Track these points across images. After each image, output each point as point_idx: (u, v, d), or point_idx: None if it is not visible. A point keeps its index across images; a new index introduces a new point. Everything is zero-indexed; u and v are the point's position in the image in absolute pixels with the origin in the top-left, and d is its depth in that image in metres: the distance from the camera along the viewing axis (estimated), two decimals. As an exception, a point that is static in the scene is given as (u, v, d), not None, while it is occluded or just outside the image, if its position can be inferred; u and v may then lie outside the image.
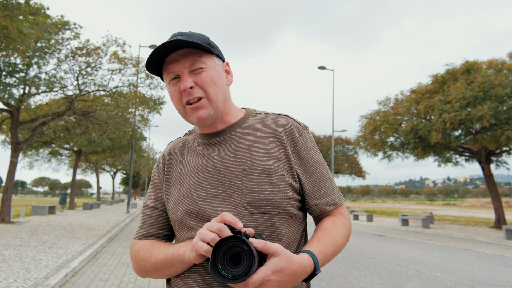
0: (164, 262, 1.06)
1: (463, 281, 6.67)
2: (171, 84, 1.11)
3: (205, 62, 1.10)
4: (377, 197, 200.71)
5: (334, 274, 7.00)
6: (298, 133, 1.17)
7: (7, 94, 13.01)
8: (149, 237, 1.18)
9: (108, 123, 17.88)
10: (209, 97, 1.09)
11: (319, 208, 1.15)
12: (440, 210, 50.03)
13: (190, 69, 1.08)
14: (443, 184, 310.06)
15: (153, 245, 1.13)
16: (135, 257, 1.15)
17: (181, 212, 1.10)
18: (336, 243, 1.09)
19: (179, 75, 1.09)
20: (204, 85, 1.09)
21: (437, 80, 17.66)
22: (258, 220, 1.05)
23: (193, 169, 1.14)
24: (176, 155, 1.23)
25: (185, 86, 1.07)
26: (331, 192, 1.17)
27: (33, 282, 5.34)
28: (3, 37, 9.05)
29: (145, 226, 1.20)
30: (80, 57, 15.24)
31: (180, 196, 1.12)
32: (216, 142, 1.16)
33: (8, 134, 18.85)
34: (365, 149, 21.87)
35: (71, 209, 26.08)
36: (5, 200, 13.86)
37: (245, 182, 1.07)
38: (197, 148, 1.19)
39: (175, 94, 1.11)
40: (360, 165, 41.48)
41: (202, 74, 1.09)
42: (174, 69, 1.09)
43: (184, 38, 1.06)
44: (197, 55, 1.09)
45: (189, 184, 1.12)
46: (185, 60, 1.08)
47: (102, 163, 40.34)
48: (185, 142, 1.25)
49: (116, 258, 8.11)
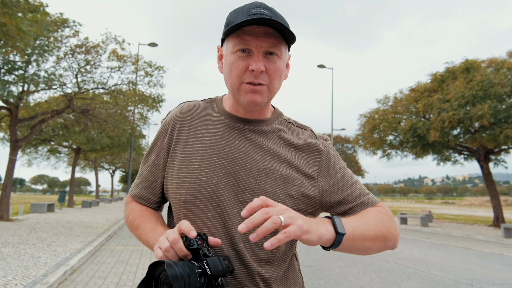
0: (147, 244, 1.09)
1: (461, 280, 6.68)
2: (237, 55, 1.02)
3: (281, 51, 1.03)
4: (376, 196, 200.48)
5: (333, 273, 7.01)
6: (322, 145, 1.14)
7: (6, 92, 12.98)
8: (141, 199, 1.18)
9: (107, 121, 17.85)
10: (270, 87, 1.04)
11: (354, 210, 1.08)
12: (438, 208, 50.15)
13: (266, 50, 1.01)
14: (442, 183, 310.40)
15: (142, 216, 1.14)
16: (127, 216, 1.19)
17: (186, 192, 1.05)
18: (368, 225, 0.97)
19: (252, 51, 1.01)
20: (272, 74, 1.03)
21: (436, 79, 17.68)
22: None
23: (207, 149, 1.08)
24: (190, 124, 1.14)
25: (258, 67, 0.99)
26: (365, 193, 1.12)
27: (32, 279, 5.35)
28: (2, 34, 9.02)
29: (140, 186, 1.18)
30: (79, 54, 15.20)
31: (188, 173, 1.06)
32: (239, 128, 1.10)
33: (7, 132, 18.81)
34: (364, 147, 21.90)
35: (70, 207, 26.07)
36: (3, 198, 13.84)
37: (259, 183, 1.04)
38: (217, 126, 1.12)
39: (239, 68, 1.02)
40: (359, 164, 41.54)
41: (275, 62, 1.03)
42: (250, 43, 1.00)
43: (271, 15, 0.99)
44: (278, 40, 1.01)
45: (200, 165, 1.06)
46: (266, 39, 1.00)
47: (101, 161, 40.32)
48: (204, 111, 1.16)
49: (115, 256, 8.11)
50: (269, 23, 0.97)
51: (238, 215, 1.02)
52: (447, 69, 17.59)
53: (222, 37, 1.08)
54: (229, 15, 1.04)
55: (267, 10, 1.00)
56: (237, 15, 1.01)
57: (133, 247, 9.43)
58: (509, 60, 16.62)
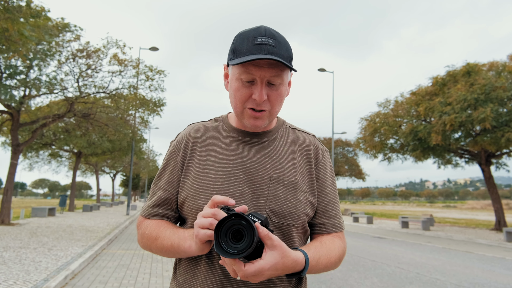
0: (170, 249, 1.08)
1: (463, 284, 6.65)
2: (241, 82, 1.07)
3: (283, 78, 1.08)
4: (377, 199, 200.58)
5: (334, 277, 6.99)
6: (321, 155, 1.23)
7: (7, 96, 13.02)
8: (156, 216, 1.17)
9: (108, 125, 17.88)
10: (271, 112, 1.11)
11: (325, 227, 1.18)
12: (440, 212, 49.99)
13: (269, 80, 1.06)
14: (443, 186, 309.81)
15: (159, 226, 1.13)
16: (141, 234, 1.17)
17: (203, 202, 1.08)
18: (329, 259, 1.10)
19: (255, 81, 1.06)
20: (274, 101, 1.09)
21: (437, 82, 17.68)
22: (276, 228, 1.09)
23: (221, 162, 1.14)
24: (201, 141, 1.20)
25: (261, 98, 1.05)
26: (339, 216, 1.22)
27: (33, 284, 5.34)
28: (4, 39, 9.06)
29: (154, 205, 1.18)
30: (81, 59, 15.26)
31: (204, 185, 1.11)
32: (248, 142, 1.18)
33: (9, 136, 18.86)
34: (364, 150, 21.87)
35: (71, 211, 26.06)
36: (5, 202, 13.84)
37: (272, 189, 1.11)
38: (228, 141, 1.18)
39: (243, 95, 1.08)
40: (360, 167, 41.46)
41: (277, 90, 1.08)
42: (255, 73, 1.05)
43: (275, 44, 1.04)
44: (281, 68, 1.06)
45: (216, 176, 1.12)
46: (269, 70, 1.04)
47: (102, 165, 40.30)
48: (212, 130, 1.22)
49: (115, 260, 8.10)
50: (273, 57, 1.02)
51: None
52: (448, 72, 17.60)
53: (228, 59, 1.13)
54: (235, 40, 1.08)
55: (272, 38, 1.05)
56: (243, 42, 1.06)
57: (134, 252, 9.41)
58: (510, 63, 16.63)
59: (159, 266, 7.58)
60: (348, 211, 35.13)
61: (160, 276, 6.67)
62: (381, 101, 20.57)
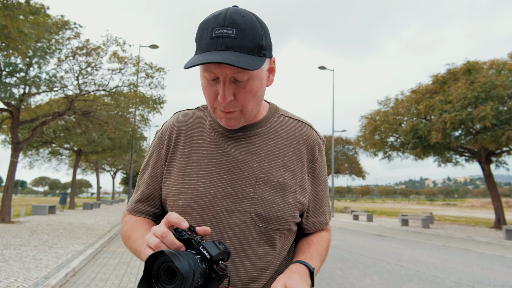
0: (135, 253, 1.02)
1: (462, 281, 6.67)
2: (208, 82, 0.97)
3: (251, 73, 0.94)
4: (377, 197, 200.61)
5: (334, 274, 7.00)
6: (318, 150, 1.13)
7: (7, 94, 13.01)
8: (138, 213, 1.14)
9: (108, 122, 17.87)
10: (243, 110, 1.00)
11: (315, 226, 1.16)
12: (440, 210, 50.04)
13: (233, 76, 0.94)
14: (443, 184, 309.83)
15: (134, 226, 1.08)
16: (121, 231, 1.14)
17: (183, 202, 1.03)
18: (322, 259, 1.11)
19: (219, 79, 0.95)
20: (243, 100, 0.97)
21: (437, 80, 17.66)
22: (261, 232, 1.02)
23: (204, 159, 1.06)
24: (186, 134, 1.11)
25: (224, 100, 0.94)
26: (327, 210, 1.19)
27: (34, 281, 5.35)
28: (3, 37, 9.05)
29: (137, 201, 1.15)
30: (80, 56, 15.25)
31: (185, 184, 1.05)
32: (233, 136, 1.08)
33: (8, 134, 18.84)
34: (364, 148, 21.87)
35: (71, 208, 26.09)
36: (5, 200, 13.86)
37: (257, 191, 1.02)
38: (212, 134, 1.09)
39: (210, 95, 0.98)
40: (360, 165, 41.44)
41: (245, 87, 0.96)
42: (215, 71, 0.93)
43: (235, 35, 0.90)
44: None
45: (197, 175, 1.05)
46: (229, 67, 0.91)
47: (102, 162, 40.36)
48: (198, 121, 1.13)
49: (116, 258, 8.11)
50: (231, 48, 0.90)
51: (235, 225, 1.01)
52: (448, 70, 17.58)
53: None
54: (198, 28, 0.96)
55: (232, 27, 0.90)
56: (203, 33, 0.93)
57: (134, 249, 9.43)
58: (510, 61, 16.61)
59: (159, 264, 7.59)
60: (348, 209, 35.18)
61: (160, 274, 6.68)
62: (381, 99, 20.56)
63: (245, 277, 1.01)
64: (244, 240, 1.01)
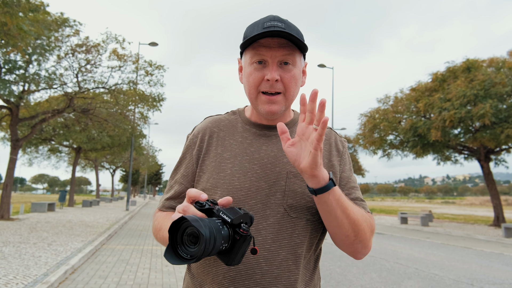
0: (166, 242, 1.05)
1: (461, 279, 6.69)
2: (254, 67, 1.08)
3: (295, 60, 1.08)
4: (376, 195, 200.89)
5: (333, 272, 7.02)
6: (341, 145, 1.23)
7: (6, 91, 12.99)
8: (169, 209, 1.19)
9: (107, 120, 17.85)
10: (286, 95, 1.10)
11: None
12: (439, 208, 50.13)
13: (281, 60, 1.06)
14: (442, 182, 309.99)
15: (165, 217, 1.13)
16: (153, 225, 1.18)
17: (219, 196, 1.07)
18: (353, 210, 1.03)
19: (267, 62, 1.07)
20: (288, 83, 1.08)
21: (437, 78, 17.67)
22: (295, 223, 1.08)
23: (237, 156, 1.13)
24: (218, 135, 1.19)
25: (273, 77, 1.05)
26: (360, 198, 1.18)
27: (33, 279, 5.35)
28: (3, 34, 9.02)
29: (168, 198, 1.20)
30: (80, 54, 15.21)
31: (220, 179, 1.11)
32: (265, 135, 1.16)
33: (8, 131, 18.83)
34: (364, 146, 21.89)
35: (71, 206, 26.08)
36: (4, 197, 13.85)
37: (289, 184, 1.09)
38: (244, 135, 1.17)
39: (256, 79, 1.08)
40: (359, 163, 41.46)
41: (290, 71, 1.08)
42: (265, 54, 1.06)
43: (284, 27, 1.05)
44: (291, 49, 1.07)
45: (232, 171, 1.11)
46: (279, 50, 1.05)
47: (101, 160, 40.29)
48: (229, 123, 1.22)
49: (115, 256, 8.12)
50: (281, 34, 1.02)
51: (270, 217, 1.07)
52: (448, 68, 17.58)
53: (240, 50, 1.15)
54: (246, 29, 1.11)
55: (281, 22, 1.06)
56: (253, 29, 1.07)
57: (134, 247, 9.44)
58: (510, 59, 16.61)
59: (158, 261, 7.60)
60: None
61: (159, 271, 6.69)
62: (380, 97, 20.56)
63: (281, 265, 1.06)
64: (279, 231, 1.07)
